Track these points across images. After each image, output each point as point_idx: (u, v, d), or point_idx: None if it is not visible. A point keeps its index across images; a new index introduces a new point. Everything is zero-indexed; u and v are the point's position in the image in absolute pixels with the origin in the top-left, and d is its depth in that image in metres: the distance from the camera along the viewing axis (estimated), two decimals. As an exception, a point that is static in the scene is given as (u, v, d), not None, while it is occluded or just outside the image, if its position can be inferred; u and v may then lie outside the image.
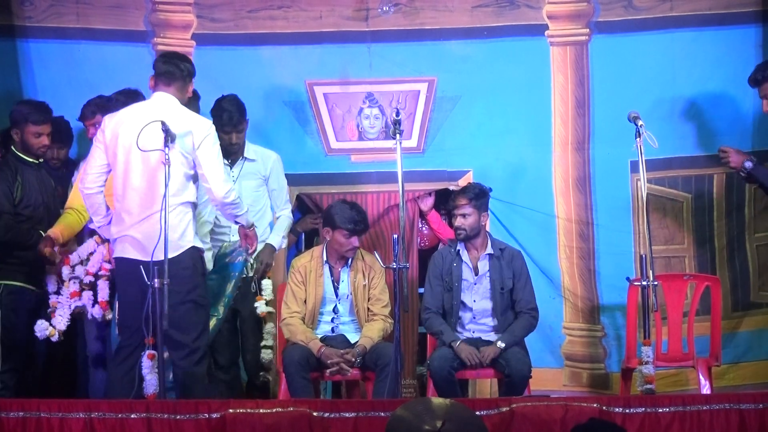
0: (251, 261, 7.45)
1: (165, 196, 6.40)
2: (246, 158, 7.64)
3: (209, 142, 6.66)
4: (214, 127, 6.79)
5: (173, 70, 6.76)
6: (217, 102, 7.61)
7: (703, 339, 7.54)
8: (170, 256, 6.40)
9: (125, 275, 6.66)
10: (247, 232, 6.94)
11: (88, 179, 6.77)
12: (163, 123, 6.48)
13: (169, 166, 6.41)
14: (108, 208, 6.83)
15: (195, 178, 6.69)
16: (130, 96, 7.38)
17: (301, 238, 8.52)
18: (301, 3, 8.29)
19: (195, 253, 6.69)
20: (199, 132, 6.63)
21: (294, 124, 8.28)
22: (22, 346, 7.32)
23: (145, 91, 7.26)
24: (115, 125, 6.69)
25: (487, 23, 8.28)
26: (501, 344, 7.21)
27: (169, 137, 6.44)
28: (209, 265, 7.11)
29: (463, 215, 7.43)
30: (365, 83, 8.32)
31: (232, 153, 7.56)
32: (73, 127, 7.84)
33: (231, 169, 7.55)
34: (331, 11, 8.28)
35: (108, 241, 7.06)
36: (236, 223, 6.95)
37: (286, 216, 7.78)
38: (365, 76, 8.31)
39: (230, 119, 7.51)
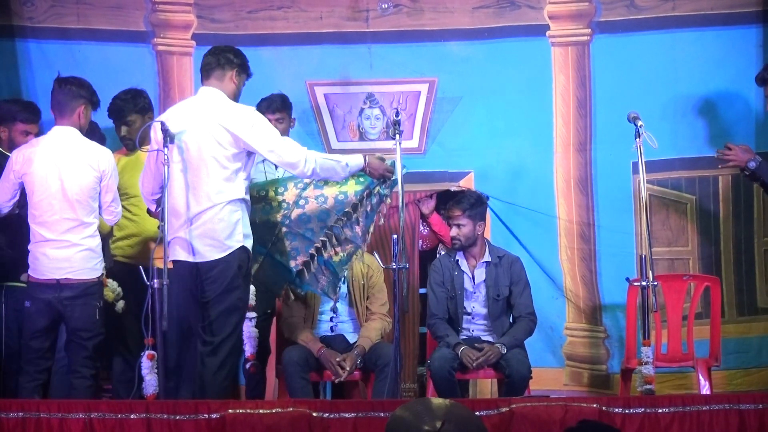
0: None
1: (163, 196, 6.41)
2: None
3: (249, 127, 6.53)
4: (253, 109, 6.72)
5: (210, 62, 6.73)
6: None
7: (706, 343, 7.52)
8: (217, 257, 6.42)
9: (175, 278, 6.57)
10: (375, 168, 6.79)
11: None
12: (162, 123, 6.48)
13: (168, 166, 6.41)
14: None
15: (241, 172, 6.57)
16: (136, 96, 7.40)
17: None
18: (301, 4, 8.28)
19: (243, 254, 6.54)
20: (236, 121, 6.52)
21: (295, 125, 8.27)
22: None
23: (150, 91, 7.32)
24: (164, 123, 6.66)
25: (487, 24, 8.27)
26: (503, 349, 7.21)
27: (168, 137, 6.43)
28: None
29: (458, 225, 7.45)
30: (366, 84, 8.31)
31: None
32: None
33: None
34: (331, 12, 8.27)
35: None
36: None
37: None
38: (366, 77, 8.31)
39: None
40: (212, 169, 6.46)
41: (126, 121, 7.31)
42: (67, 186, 6.71)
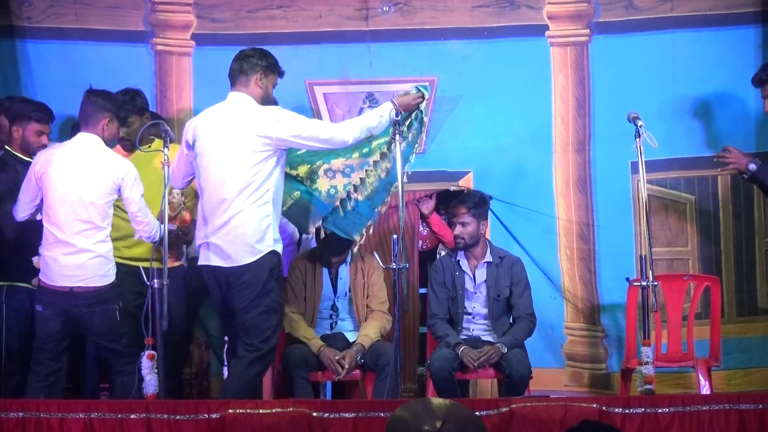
0: None
1: (164, 196, 6.43)
2: None
3: (275, 122, 6.60)
4: (276, 107, 6.76)
5: (235, 67, 6.78)
6: None
7: (706, 343, 7.52)
8: (248, 261, 6.47)
9: (208, 282, 6.68)
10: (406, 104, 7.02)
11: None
12: (162, 124, 6.49)
13: (168, 167, 6.43)
14: None
15: (269, 179, 6.60)
16: (134, 96, 7.39)
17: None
18: (301, 3, 8.27)
19: (273, 258, 6.61)
20: (263, 123, 6.57)
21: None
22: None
23: (147, 92, 7.31)
24: (194, 128, 6.72)
25: (487, 23, 8.27)
26: (504, 348, 7.22)
27: (168, 138, 6.44)
28: None
29: (462, 224, 7.46)
30: (365, 83, 8.31)
31: None
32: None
33: None
34: (330, 11, 8.26)
35: None
36: None
37: None
38: (365, 76, 8.30)
39: None
40: (241, 174, 6.50)
41: (125, 121, 7.31)
42: (83, 188, 6.72)
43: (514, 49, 8.28)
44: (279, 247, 6.65)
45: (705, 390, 7.20)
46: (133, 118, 7.33)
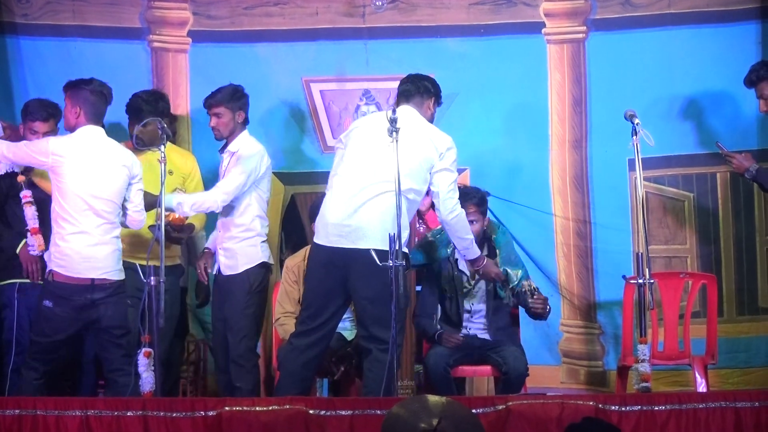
0: None
1: (161, 193, 6.45)
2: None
3: (448, 158, 6.77)
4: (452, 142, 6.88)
5: (410, 88, 6.92)
6: None
7: (703, 341, 7.51)
8: (382, 248, 6.44)
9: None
10: None
11: None
12: (159, 121, 6.51)
13: (165, 164, 6.44)
14: None
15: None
16: (158, 99, 7.43)
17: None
18: (298, 0, 8.28)
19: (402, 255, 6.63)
20: (440, 145, 6.74)
21: (290, 122, 8.27)
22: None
23: (135, 88, 7.31)
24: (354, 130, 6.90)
25: (484, 21, 8.28)
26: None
27: (164, 135, 6.45)
28: None
29: (471, 222, 7.41)
30: (362, 80, 8.31)
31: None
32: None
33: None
34: (327, 8, 8.27)
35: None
36: None
37: None
38: (362, 73, 8.30)
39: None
40: None
41: (143, 121, 7.27)
42: (101, 183, 6.71)
43: (511, 47, 8.29)
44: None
45: (701, 388, 7.20)
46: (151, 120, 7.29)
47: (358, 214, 6.58)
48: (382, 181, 6.56)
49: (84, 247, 6.66)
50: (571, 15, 8.28)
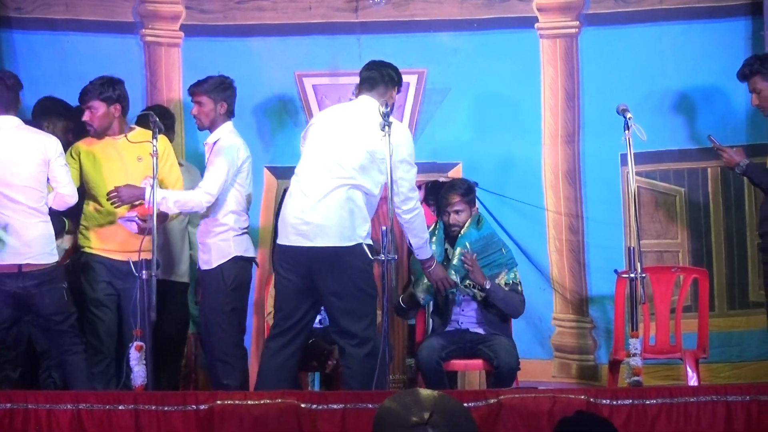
0: None
1: (153, 187, 6.44)
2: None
3: (403, 150, 6.68)
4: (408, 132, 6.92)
5: (375, 76, 6.89)
6: None
7: (694, 335, 7.51)
8: (341, 245, 6.48)
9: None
10: None
11: None
12: (151, 115, 6.51)
13: (156, 158, 6.44)
14: None
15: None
16: (106, 84, 7.33)
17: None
18: (290, -6, 8.30)
19: (366, 247, 6.64)
20: (394, 138, 6.57)
21: (283, 116, 8.26)
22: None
23: (128, 82, 7.31)
24: (311, 126, 6.88)
25: (476, 15, 8.28)
26: (487, 284, 7.30)
27: (156, 129, 6.45)
28: None
29: (457, 212, 7.45)
30: (355, 75, 8.19)
31: None
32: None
33: None
34: (320, 2, 8.27)
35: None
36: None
37: None
38: (355, 68, 8.20)
39: None
40: None
41: (89, 106, 7.25)
42: (12, 172, 6.72)
43: (504, 41, 8.28)
44: (370, 240, 6.79)
45: (692, 382, 7.21)
46: (97, 105, 7.24)
47: (315, 212, 6.55)
48: (337, 177, 6.56)
49: (4, 235, 6.68)
50: (564, 10, 8.28)
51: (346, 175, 6.54)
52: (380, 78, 6.88)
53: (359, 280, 6.61)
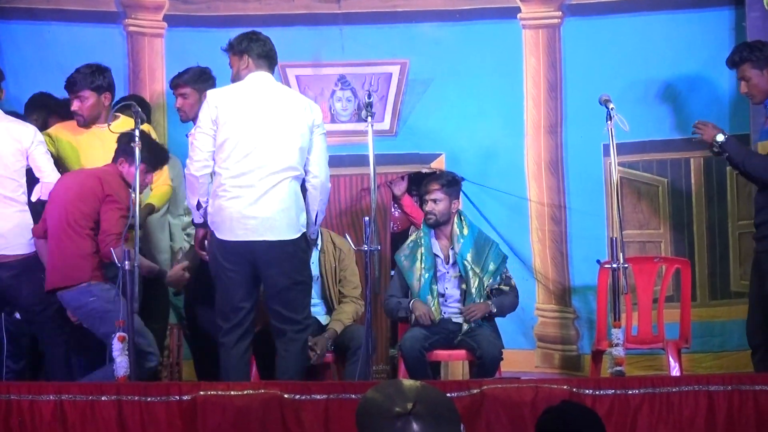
0: None
1: (135, 177, 6.43)
2: None
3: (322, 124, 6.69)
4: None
5: (272, 49, 6.81)
6: None
7: (677, 325, 7.53)
8: (290, 237, 6.46)
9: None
10: None
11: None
12: (133, 105, 6.49)
13: (139, 148, 6.42)
14: None
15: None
16: (95, 72, 7.32)
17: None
18: (273, -15, 8.27)
19: (306, 237, 6.67)
20: (317, 115, 6.63)
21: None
22: None
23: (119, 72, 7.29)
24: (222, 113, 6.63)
25: (459, 6, 8.27)
26: (493, 308, 7.31)
27: (138, 119, 6.43)
28: None
29: (434, 200, 7.46)
30: (337, 65, 8.30)
31: None
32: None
33: None
34: (303, -7, 8.27)
35: None
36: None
37: None
38: (337, 59, 8.29)
39: None
40: None
41: (79, 96, 7.22)
42: None
43: (486, 32, 8.28)
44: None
45: (675, 372, 7.23)
46: (88, 94, 7.23)
47: (260, 206, 6.47)
48: (280, 170, 6.49)
49: None
50: (546, 0, 8.28)
51: (285, 166, 6.48)
52: (274, 54, 6.81)
53: (302, 269, 6.68)
